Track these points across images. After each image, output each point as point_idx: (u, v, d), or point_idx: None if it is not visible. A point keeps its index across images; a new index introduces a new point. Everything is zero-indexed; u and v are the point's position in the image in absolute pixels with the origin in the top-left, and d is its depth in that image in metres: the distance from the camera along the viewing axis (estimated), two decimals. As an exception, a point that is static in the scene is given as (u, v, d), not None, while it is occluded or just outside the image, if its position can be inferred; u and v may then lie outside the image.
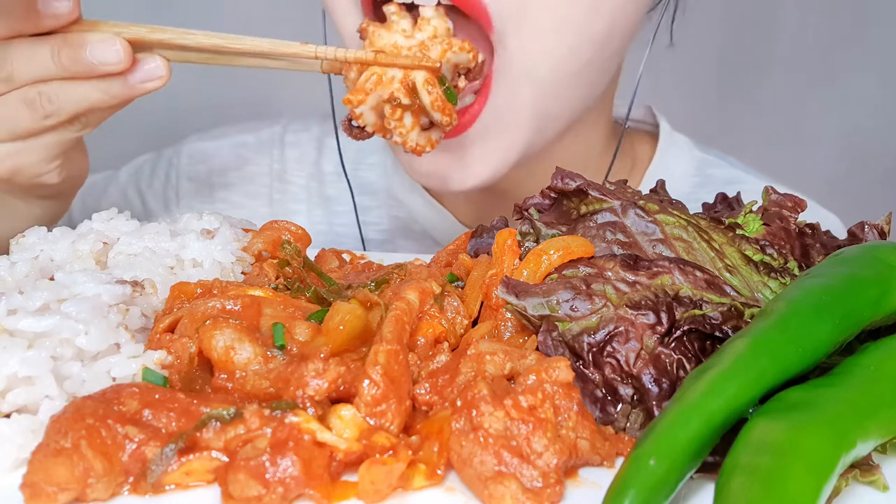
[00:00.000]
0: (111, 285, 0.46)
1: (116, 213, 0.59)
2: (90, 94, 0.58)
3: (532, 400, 0.37)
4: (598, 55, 0.65)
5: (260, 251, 0.57)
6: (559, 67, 0.64)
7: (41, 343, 0.41)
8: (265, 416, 0.37)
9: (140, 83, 0.59)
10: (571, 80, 0.66)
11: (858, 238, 0.54)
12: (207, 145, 0.99)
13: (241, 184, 0.97)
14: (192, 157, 0.98)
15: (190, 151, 0.99)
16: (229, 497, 0.35)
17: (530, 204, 0.54)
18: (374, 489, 0.35)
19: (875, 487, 0.37)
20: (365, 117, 0.60)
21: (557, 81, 0.65)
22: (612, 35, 0.65)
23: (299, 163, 0.98)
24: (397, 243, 0.93)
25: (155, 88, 0.60)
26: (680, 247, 0.49)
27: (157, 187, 0.99)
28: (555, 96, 0.66)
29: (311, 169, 0.97)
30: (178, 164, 0.98)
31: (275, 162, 0.98)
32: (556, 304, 0.44)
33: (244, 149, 0.99)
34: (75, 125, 0.61)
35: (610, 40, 0.65)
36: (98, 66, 0.56)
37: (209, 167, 0.98)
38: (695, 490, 0.37)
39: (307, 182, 0.97)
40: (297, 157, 0.98)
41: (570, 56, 0.63)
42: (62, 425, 0.36)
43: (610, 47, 0.66)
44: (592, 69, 0.67)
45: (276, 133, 0.99)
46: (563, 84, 0.65)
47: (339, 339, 0.41)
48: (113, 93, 0.58)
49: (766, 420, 0.35)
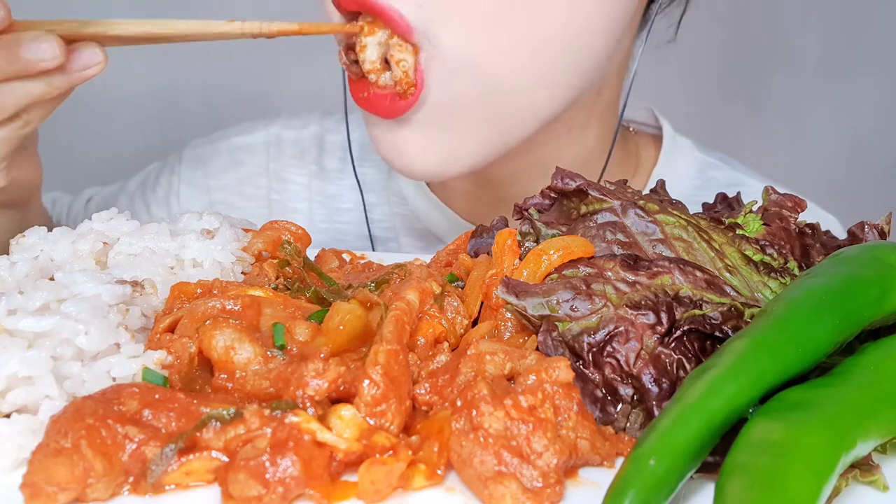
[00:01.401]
0: (111, 285, 0.46)
1: (116, 213, 0.59)
2: (33, 89, 0.59)
3: (532, 400, 0.37)
4: (562, 54, 0.64)
5: (260, 251, 0.57)
6: (505, 64, 0.63)
7: (41, 343, 0.41)
8: (265, 416, 0.37)
9: (79, 71, 0.59)
10: (529, 79, 0.64)
11: (858, 238, 0.54)
12: (205, 150, 0.99)
13: (237, 185, 0.97)
14: (192, 163, 0.99)
15: (190, 157, 0.99)
16: (229, 497, 0.35)
17: (530, 204, 0.54)
18: (374, 489, 0.35)
19: (875, 487, 0.37)
20: (369, 50, 0.61)
21: (509, 80, 0.64)
22: (580, 33, 0.64)
23: (298, 161, 0.97)
24: (401, 240, 0.94)
25: (94, 74, 0.60)
26: (680, 247, 0.49)
27: (159, 194, 0.99)
28: (509, 93, 0.64)
29: (312, 167, 0.97)
30: (179, 171, 0.99)
31: (271, 162, 0.97)
32: (556, 304, 0.44)
33: (239, 151, 0.98)
34: (17, 122, 0.61)
35: (577, 38, 0.64)
36: (35, 62, 0.57)
37: (207, 171, 0.98)
38: (695, 490, 0.37)
39: (308, 180, 0.97)
40: (295, 155, 0.98)
41: (519, 52, 0.62)
42: (62, 425, 0.36)
43: (581, 45, 0.65)
44: (560, 68, 0.65)
45: (272, 133, 0.99)
46: (518, 82, 0.64)
47: (339, 339, 0.41)
48: (55, 84, 0.59)
49: (765, 420, 0.35)
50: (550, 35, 0.63)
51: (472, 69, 0.62)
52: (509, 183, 0.81)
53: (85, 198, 1.01)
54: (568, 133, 0.78)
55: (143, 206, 0.99)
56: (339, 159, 0.97)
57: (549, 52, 0.64)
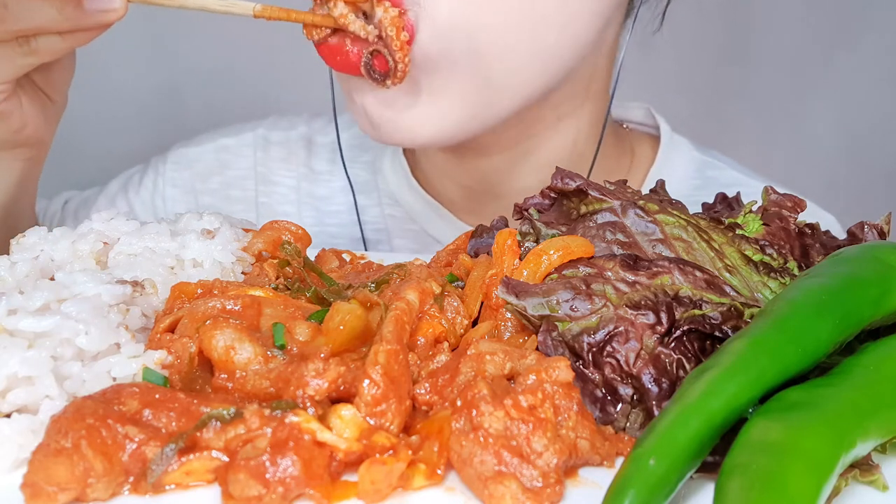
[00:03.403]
0: (111, 285, 0.46)
1: (116, 213, 0.59)
2: (44, 12, 0.58)
3: (532, 400, 0.38)
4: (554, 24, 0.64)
5: (260, 251, 0.57)
6: (496, 26, 0.62)
7: (41, 343, 0.41)
8: (265, 415, 0.37)
9: (96, 11, 0.58)
10: (519, 44, 0.64)
11: (858, 238, 0.54)
12: (190, 151, 0.99)
13: (223, 189, 0.97)
14: (177, 164, 0.98)
15: (174, 158, 0.98)
16: (229, 497, 0.35)
17: (530, 204, 0.54)
18: (374, 489, 0.35)
19: (875, 487, 0.37)
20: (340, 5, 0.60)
21: (500, 42, 0.63)
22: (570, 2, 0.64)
23: (286, 163, 0.97)
24: (394, 242, 0.93)
25: (109, 21, 0.59)
26: (680, 247, 0.49)
27: (144, 196, 0.98)
28: (499, 58, 0.64)
29: (301, 169, 0.96)
30: (164, 172, 0.98)
31: (258, 164, 0.97)
32: (556, 304, 0.44)
33: (225, 152, 0.98)
34: (23, 47, 0.60)
35: (567, 7, 0.64)
36: None
37: (193, 172, 0.97)
38: (695, 490, 0.37)
39: (297, 182, 0.96)
40: (283, 156, 0.97)
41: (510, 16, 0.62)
42: (62, 425, 0.36)
43: (571, 14, 0.64)
44: (551, 37, 0.65)
45: (259, 135, 0.98)
46: (507, 46, 0.64)
47: (339, 339, 0.41)
48: (67, 14, 0.58)
49: (765, 420, 0.35)
50: (542, 2, 0.63)
51: (461, 29, 0.62)
52: (502, 177, 0.81)
53: (62, 200, 1.00)
54: (558, 122, 0.77)
55: (127, 207, 0.98)
56: (328, 161, 0.96)
57: (540, 20, 0.63)
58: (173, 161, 0.98)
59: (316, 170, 0.96)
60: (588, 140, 0.82)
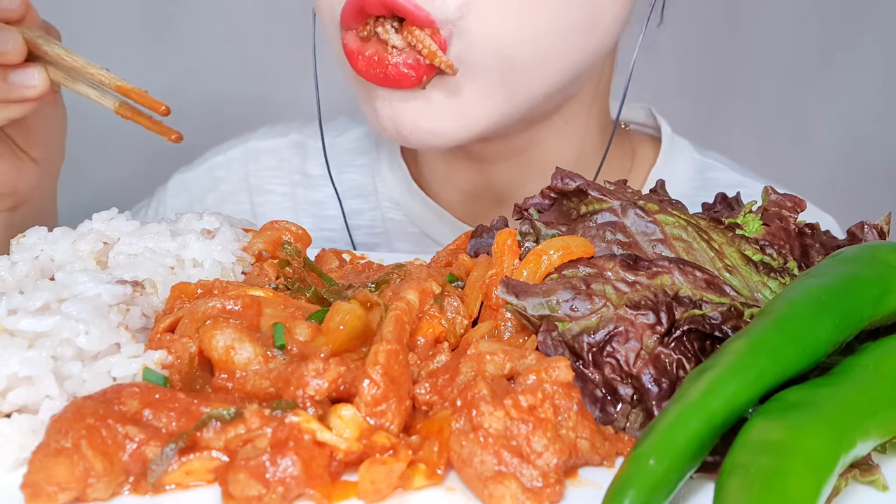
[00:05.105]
0: (111, 285, 0.46)
1: (116, 212, 0.59)
2: None
3: (532, 400, 0.38)
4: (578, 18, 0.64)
5: (260, 251, 0.57)
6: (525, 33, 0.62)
7: (41, 343, 0.41)
8: (265, 415, 0.37)
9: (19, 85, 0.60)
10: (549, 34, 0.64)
11: (858, 238, 0.54)
12: (187, 175, 0.99)
13: (218, 205, 0.97)
14: (175, 189, 0.99)
15: (174, 184, 0.99)
16: (229, 497, 0.35)
17: (530, 204, 0.54)
18: (375, 489, 0.35)
19: (875, 487, 0.37)
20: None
21: (530, 45, 0.63)
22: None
23: (278, 171, 0.96)
24: (394, 245, 0.93)
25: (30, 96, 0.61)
26: (680, 247, 0.49)
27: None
28: (530, 42, 0.64)
29: (294, 176, 0.96)
30: (165, 200, 0.99)
31: (251, 176, 0.97)
32: (556, 304, 0.44)
33: (218, 169, 0.98)
34: None
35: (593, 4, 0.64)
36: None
37: (190, 195, 0.98)
38: (695, 490, 0.37)
39: (291, 189, 0.96)
40: (274, 165, 0.97)
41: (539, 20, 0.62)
42: (62, 425, 0.36)
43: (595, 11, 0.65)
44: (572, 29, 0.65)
45: (249, 147, 0.98)
46: (537, 54, 0.64)
47: (339, 339, 0.41)
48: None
49: (765, 420, 0.35)
50: (569, 11, 0.63)
51: (492, 46, 0.62)
52: (508, 183, 0.81)
53: None
54: (566, 127, 0.77)
55: None
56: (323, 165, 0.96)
57: (569, 24, 0.64)
58: (173, 188, 0.99)
59: (311, 175, 0.96)
60: (594, 144, 0.82)
